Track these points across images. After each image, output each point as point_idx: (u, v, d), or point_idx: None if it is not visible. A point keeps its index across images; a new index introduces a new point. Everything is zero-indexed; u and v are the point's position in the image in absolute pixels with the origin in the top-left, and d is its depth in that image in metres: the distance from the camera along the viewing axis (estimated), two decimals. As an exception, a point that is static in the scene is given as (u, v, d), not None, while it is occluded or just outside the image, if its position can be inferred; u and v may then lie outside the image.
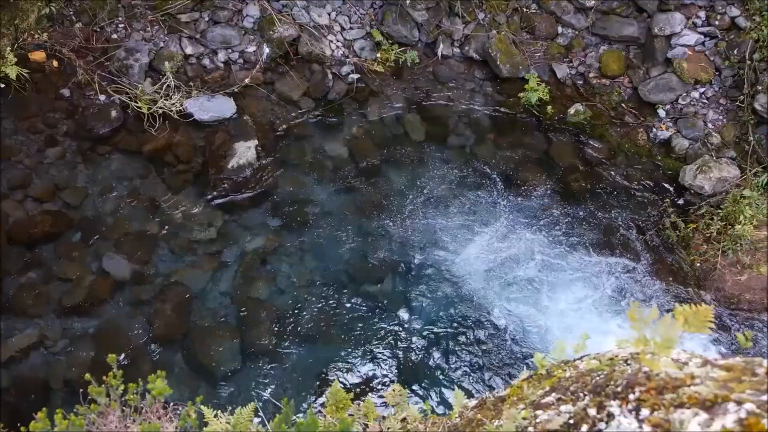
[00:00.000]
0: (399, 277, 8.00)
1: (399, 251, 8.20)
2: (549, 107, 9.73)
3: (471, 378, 7.23)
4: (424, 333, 7.56)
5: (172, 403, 3.04)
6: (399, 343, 7.46)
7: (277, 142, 9.07)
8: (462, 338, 7.53)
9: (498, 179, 9.04)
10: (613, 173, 9.26)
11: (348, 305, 7.72)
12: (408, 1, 9.85)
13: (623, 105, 9.83)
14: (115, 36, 9.26)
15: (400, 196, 8.75)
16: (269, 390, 6.87)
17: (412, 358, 7.36)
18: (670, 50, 9.54)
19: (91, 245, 7.75)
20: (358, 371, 7.21)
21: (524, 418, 2.28)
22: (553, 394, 2.32)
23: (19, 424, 2.88)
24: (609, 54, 10.00)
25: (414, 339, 7.51)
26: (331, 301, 7.72)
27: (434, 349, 7.43)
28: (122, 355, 6.85)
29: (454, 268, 8.10)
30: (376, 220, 8.46)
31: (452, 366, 7.32)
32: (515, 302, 7.84)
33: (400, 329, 7.57)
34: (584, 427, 1.98)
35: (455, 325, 7.63)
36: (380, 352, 7.37)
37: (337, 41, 10.02)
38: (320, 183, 8.84)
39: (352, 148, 9.20)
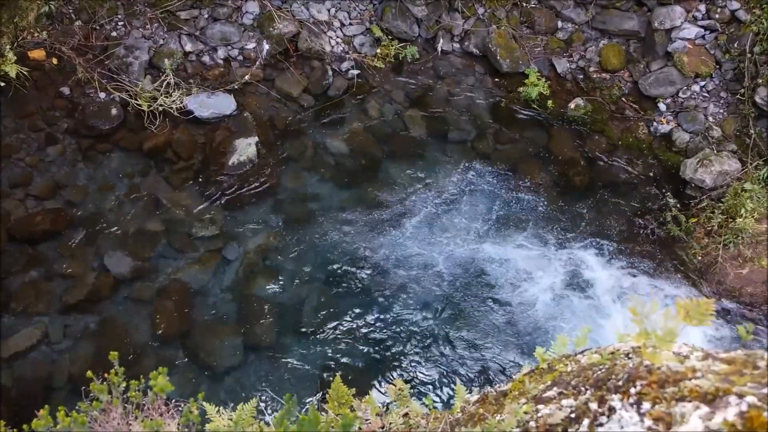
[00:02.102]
0: (401, 272, 7.99)
1: (400, 246, 8.20)
2: (549, 102, 9.72)
3: (473, 373, 7.23)
4: (426, 328, 7.56)
5: (174, 400, 3.04)
6: (400, 338, 7.46)
7: (277, 138, 9.07)
8: (464, 333, 7.53)
9: (499, 174, 9.03)
10: (613, 167, 9.26)
11: (349, 301, 7.72)
12: (407, -3, 9.85)
13: (624, 99, 9.82)
14: (114, 34, 9.25)
15: (401, 191, 8.75)
16: (271, 386, 6.88)
17: (414, 353, 7.36)
18: (671, 44, 9.53)
19: (92, 243, 7.75)
20: (360, 367, 7.21)
21: (526, 413, 2.28)
22: (555, 389, 2.32)
23: (21, 422, 2.89)
24: (609, 48, 9.99)
25: (415, 334, 7.51)
26: (332, 297, 7.73)
27: (436, 343, 7.44)
28: (124, 352, 6.86)
29: (456, 263, 8.09)
30: (377, 216, 8.45)
31: (454, 361, 7.32)
32: (517, 297, 7.85)
33: (402, 324, 7.57)
34: (586, 421, 1.98)
35: (457, 320, 7.63)
36: (381, 348, 7.38)
37: (337, 37, 10.01)
38: (321, 179, 8.84)
39: (352, 144, 9.19)
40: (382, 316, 7.62)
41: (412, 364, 7.28)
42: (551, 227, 8.53)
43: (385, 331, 7.51)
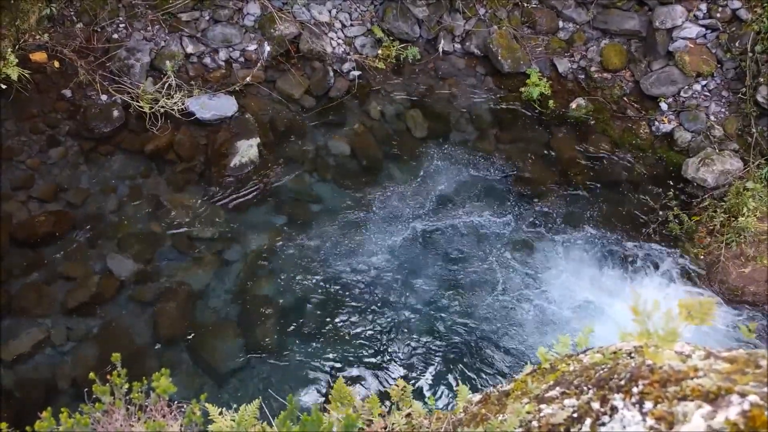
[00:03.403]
0: (403, 272, 7.99)
1: (402, 247, 8.20)
2: (551, 102, 9.71)
3: (475, 373, 7.23)
4: (428, 328, 7.55)
5: (176, 401, 3.05)
6: (402, 338, 7.46)
7: (279, 139, 9.08)
8: (466, 334, 7.53)
9: (501, 175, 9.03)
10: (615, 167, 9.25)
11: (351, 302, 7.72)
12: (408, -3, 9.85)
13: (625, 99, 9.81)
14: (115, 36, 9.27)
15: (403, 192, 8.75)
16: (274, 387, 6.88)
17: (416, 353, 7.36)
18: (672, 43, 9.52)
19: (94, 245, 7.76)
20: (362, 367, 7.21)
21: (528, 413, 2.28)
22: (557, 388, 2.32)
23: (24, 424, 2.89)
24: (610, 48, 9.98)
25: (418, 334, 7.50)
26: (334, 298, 7.73)
27: (438, 344, 7.43)
28: (126, 354, 6.84)
29: (458, 264, 8.09)
30: (378, 217, 8.45)
31: (456, 361, 7.31)
32: (518, 296, 7.84)
33: (404, 325, 7.57)
34: (588, 421, 1.98)
35: (459, 320, 7.63)
36: (384, 348, 7.37)
37: (338, 38, 10.02)
38: (322, 180, 8.84)
39: (354, 145, 9.20)
40: (384, 317, 7.61)
41: (415, 363, 7.28)
42: (552, 227, 8.53)
43: (387, 331, 7.51)
